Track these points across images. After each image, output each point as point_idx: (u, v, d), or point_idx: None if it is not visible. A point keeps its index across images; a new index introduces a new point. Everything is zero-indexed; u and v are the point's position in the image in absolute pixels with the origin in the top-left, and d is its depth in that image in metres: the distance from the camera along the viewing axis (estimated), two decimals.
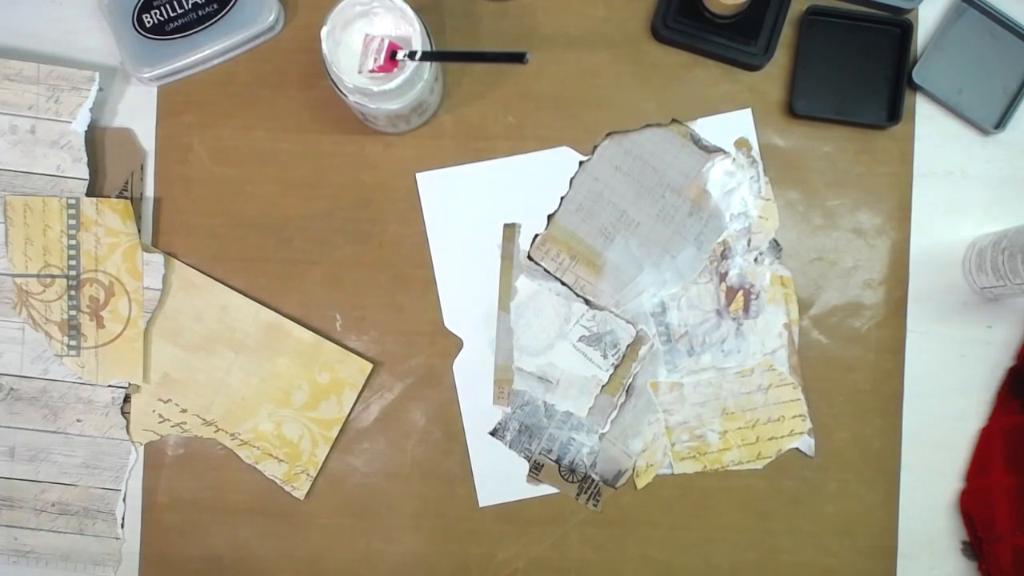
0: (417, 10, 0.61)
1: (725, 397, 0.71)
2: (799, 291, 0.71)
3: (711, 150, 0.71)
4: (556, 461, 0.71)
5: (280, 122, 0.71)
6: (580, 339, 0.70)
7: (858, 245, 0.71)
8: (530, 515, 0.71)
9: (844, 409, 0.71)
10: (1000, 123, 0.70)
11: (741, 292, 0.71)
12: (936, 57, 0.71)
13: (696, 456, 0.70)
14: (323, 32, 0.61)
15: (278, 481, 0.70)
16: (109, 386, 0.70)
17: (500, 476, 0.70)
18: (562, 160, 0.71)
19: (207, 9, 0.69)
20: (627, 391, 0.70)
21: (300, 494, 0.70)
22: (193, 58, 0.69)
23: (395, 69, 0.62)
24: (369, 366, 0.70)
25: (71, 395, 0.70)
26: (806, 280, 0.71)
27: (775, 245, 0.71)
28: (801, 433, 0.70)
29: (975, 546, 0.70)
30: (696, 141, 0.71)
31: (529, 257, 0.71)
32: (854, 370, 0.71)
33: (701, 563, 0.71)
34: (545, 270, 0.71)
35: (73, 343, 0.70)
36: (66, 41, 0.71)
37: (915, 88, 0.71)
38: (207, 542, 0.71)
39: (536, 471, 0.71)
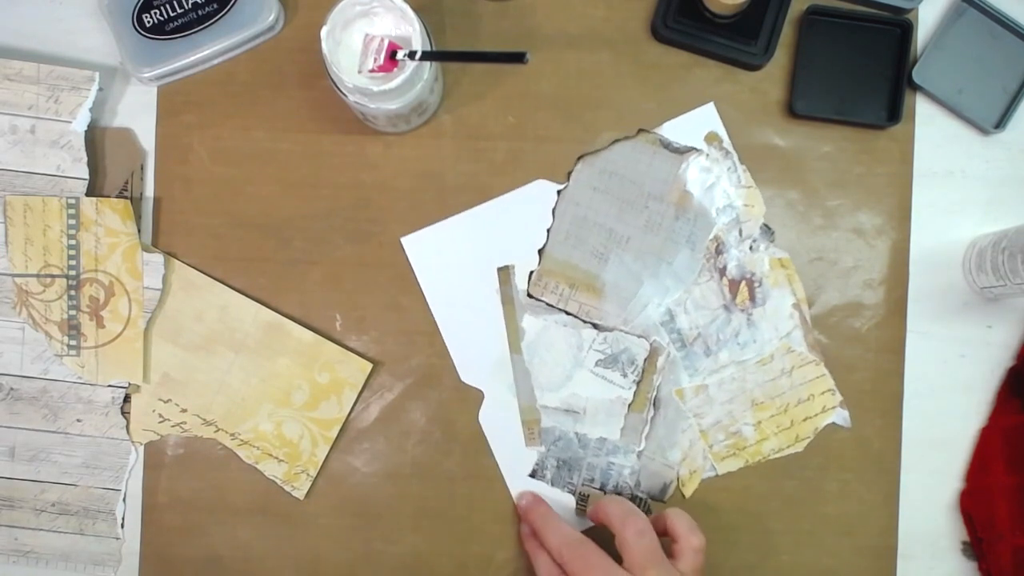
0: (417, 10, 0.61)
1: (751, 389, 0.70)
2: None
3: (683, 151, 0.71)
4: (601, 488, 0.70)
5: (280, 122, 0.71)
6: (597, 364, 0.70)
7: (858, 245, 0.71)
8: None
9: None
10: (1000, 123, 0.70)
11: (744, 283, 0.71)
12: (936, 57, 0.71)
13: (736, 453, 0.70)
14: (323, 32, 0.61)
15: (278, 481, 0.70)
16: (109, 386, 0.70)
17: None
18: (540, 193, 0.70)
19: (207, 9, 0.69)
20: (654, 404, 0.70)
21: (300, 494, 0.70)
22: (193, 58, 0.69)
23: (395, 69, 0.62)
24: (369, 366, 0.70)
25: (71, 395, 0.70)
26: (806, 280, 0.71)
27: (766, 229, 0.71)
28: (833, 407, 0.70)
29: (975, 546, 0.70)
30: (666, 145, 0.70)
31: (529, 295, 0.70)
32: (854, 370, 0.71)
33: None
34: (548, 304, 0.70)
35: (73, 343, 0.70)
36: (66, 41, 0.71)
37: (915, 88, 0.71)
38: (207, 542, 0.71)
39: (583, 503, 0.70)
